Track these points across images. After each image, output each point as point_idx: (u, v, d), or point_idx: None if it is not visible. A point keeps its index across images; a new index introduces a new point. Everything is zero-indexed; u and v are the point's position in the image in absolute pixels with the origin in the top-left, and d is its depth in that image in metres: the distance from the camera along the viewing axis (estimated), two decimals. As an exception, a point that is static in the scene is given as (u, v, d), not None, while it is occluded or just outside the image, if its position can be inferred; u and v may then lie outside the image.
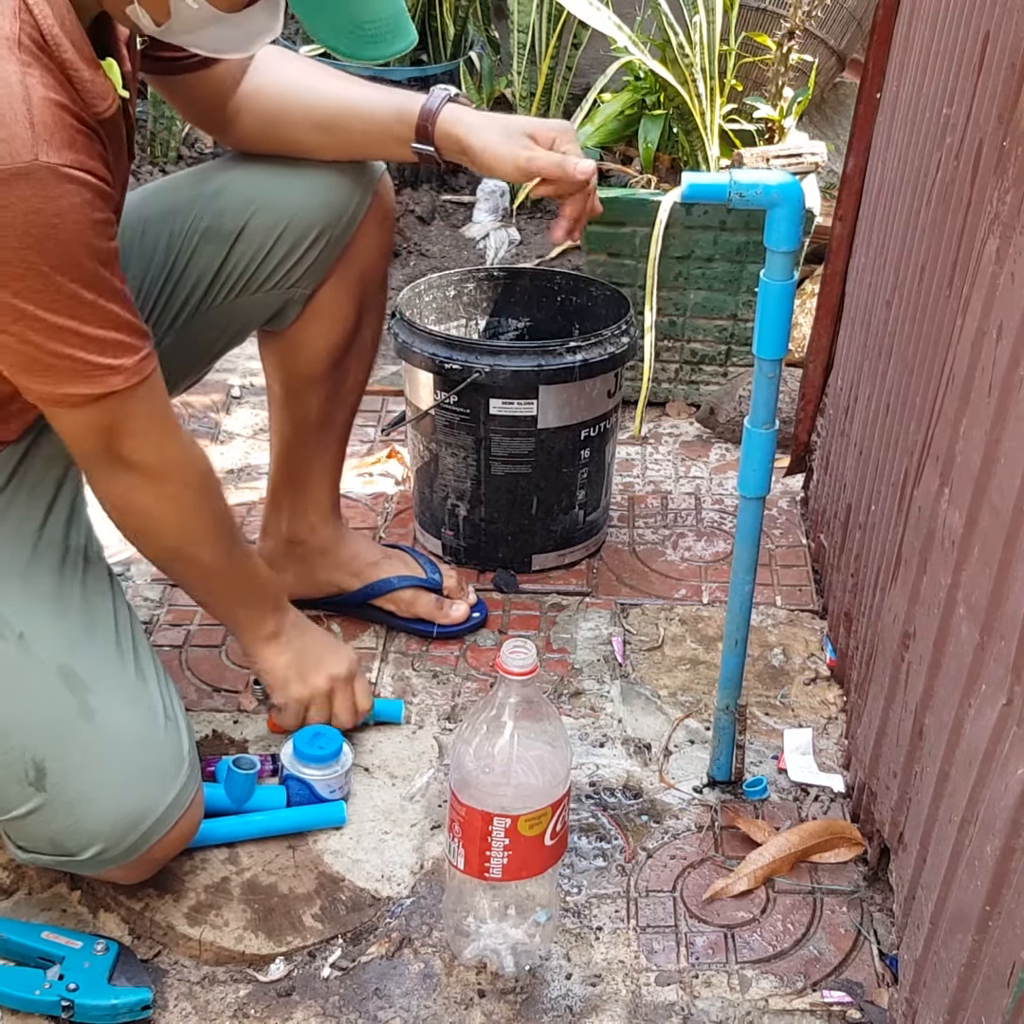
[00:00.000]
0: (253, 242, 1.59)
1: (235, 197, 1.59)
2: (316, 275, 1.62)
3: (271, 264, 1.60)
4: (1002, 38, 1.20)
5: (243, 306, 1.62)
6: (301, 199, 1.59)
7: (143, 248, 1.57)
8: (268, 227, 1.58)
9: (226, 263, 1.59)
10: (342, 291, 1.65)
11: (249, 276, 1.60)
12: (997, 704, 1.04)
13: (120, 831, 1.32)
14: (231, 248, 1.59)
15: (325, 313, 1.66)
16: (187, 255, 1.58)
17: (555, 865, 1.36)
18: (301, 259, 1.60)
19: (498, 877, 1.32)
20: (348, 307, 1.67)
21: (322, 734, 1.56)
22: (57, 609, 1.39)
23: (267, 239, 1.59)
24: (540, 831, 1.31)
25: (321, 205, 1.59)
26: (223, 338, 1.66)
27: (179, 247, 1.58)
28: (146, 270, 1.58)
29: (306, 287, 1.63)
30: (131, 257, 1.57)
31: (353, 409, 1.79)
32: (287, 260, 1.60)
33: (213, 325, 1.63)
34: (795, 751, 1.66)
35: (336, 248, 1.62)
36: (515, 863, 1.31)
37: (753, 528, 1.47)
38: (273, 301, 1.63)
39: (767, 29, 2.65)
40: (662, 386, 2.47)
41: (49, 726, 1.33)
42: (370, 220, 1.64)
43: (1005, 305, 1.08)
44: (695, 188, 1.31)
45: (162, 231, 1.58)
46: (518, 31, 2.95)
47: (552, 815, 1.31)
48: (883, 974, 1.38)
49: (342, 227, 1.61)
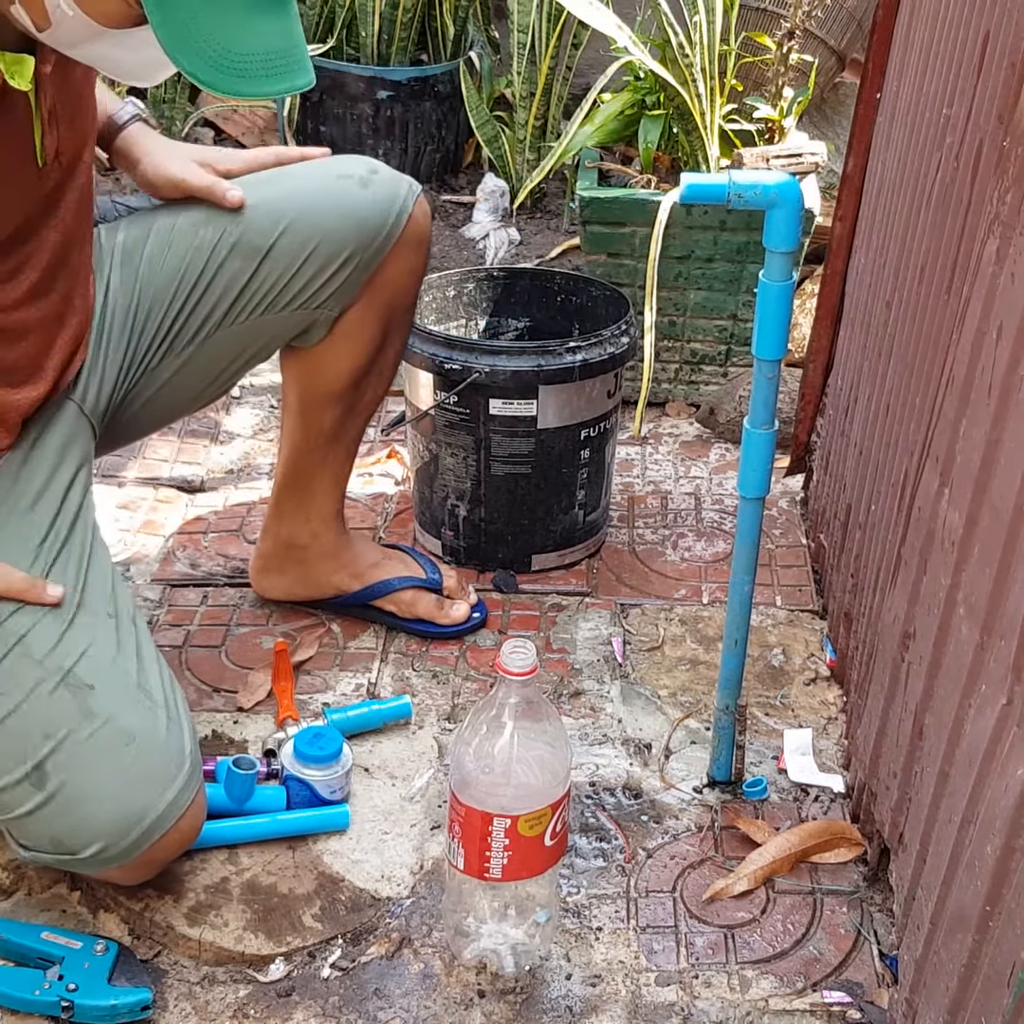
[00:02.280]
0: (281, 260, 1.57)
1: (267, 213, 1.57)
2: (344, 297, 1.60)
3: (299, 283, 1.58)
4: (1002, 38, 1.20)
5: (268, 324, 1.60)
6: (334, 219, 1.57)
7: (171, 258, 1.56)
8: (298, 246, 1.56)
9: (253, 279, 1.57)
10: (369, 314, 1.63)
11: (276, 294, 1.58)
12: (997, 704, 1.04)
13: (120, 830, 1.32)
14: (259, 265, 1.57)
15: (352, 335, 1.64)
16: (214, 268, 1.57)
17: (555, 866, 1.36)
18: (330, 280, 1.58)
19: (498, 877, 1.32)
20: (374, 330, 1.65)
21: (322, 734, 1.56)
22: (56, 610, 1.39)
23: (296, 258, 1.57)
24: (540, 832, 1.31)
25: (354, 226, 1.57)
26: (245, 355, 1.64)
27: (207, 260, 1.56)
28: (171, 281, 1.57)
29: (333, 308, 1.61)
30: (158, 267, 1.57)
31: (366, 422, 1.78)
32: (315, 280, 1.58)
33: (235, 341, 1.61)
34: (795, 751, 1.66)
35: (366, 271, 1.60)
36: (515, 863, 1.31)
37: (753, 528, 1.47)
38: (299, 320, 1.61)
39: (767, 29, 2.65)
40: (662, 386, 2.47)
41: (50, 727, 1.33)
42: (403, 244, 1.61)
43: (1005, 305, 1.08)
44: (694, 189, 1.31)
45: (191, 242, 1.57)
46: (518, 31, 2.95)
47: (552, 815, 1.31)
48: (883, 974, 1.38)
49: (374, 250, 1.59)
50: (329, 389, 1.69)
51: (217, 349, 1.61)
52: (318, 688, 1.76)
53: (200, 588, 1.95)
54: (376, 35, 3.10)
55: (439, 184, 3.29)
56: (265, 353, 1.66)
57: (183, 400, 1.67)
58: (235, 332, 1.60)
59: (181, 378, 1.62)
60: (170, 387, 1.62)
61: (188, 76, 1.15)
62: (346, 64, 3.13)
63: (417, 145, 3.22)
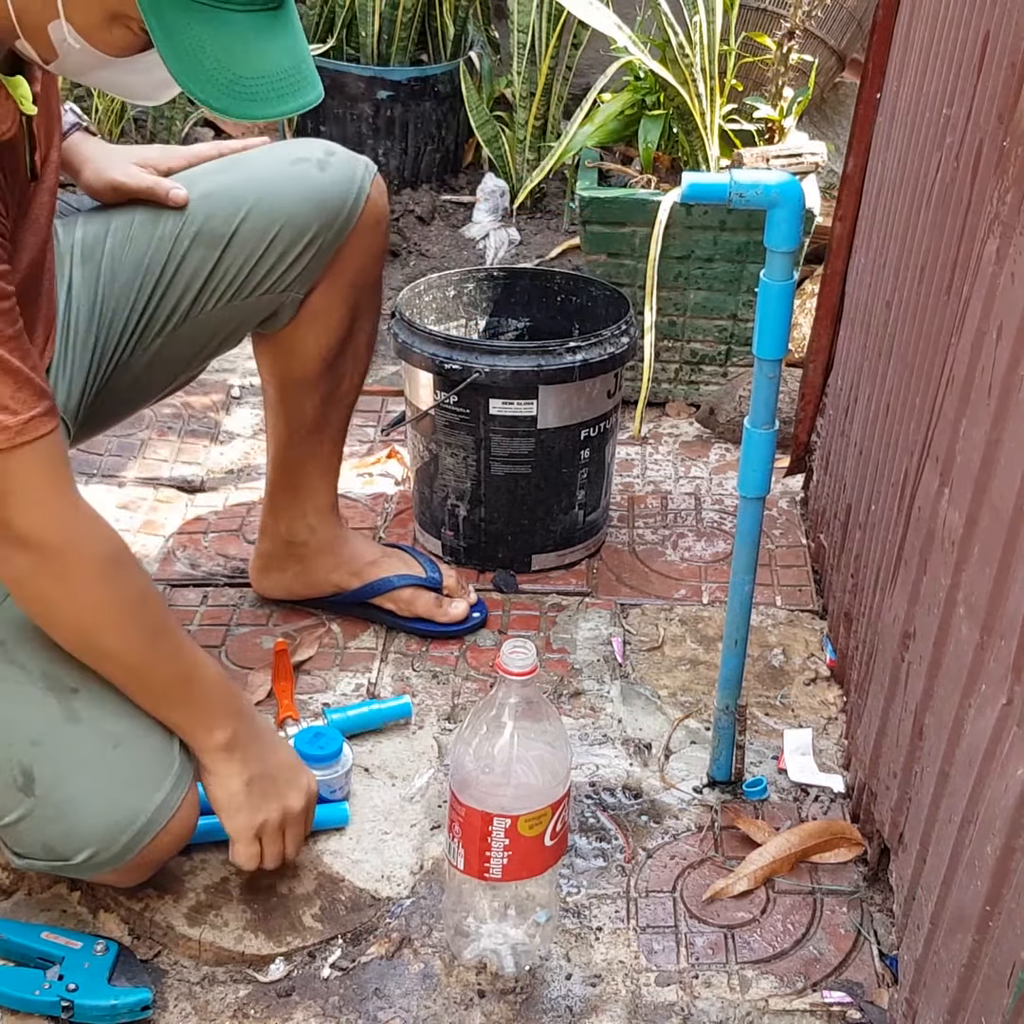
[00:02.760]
0: (245, 246, 1.57)
1: (227, 200, 1.57)
2: (309, 279, 1.61)
3: (263, 268, 1.58)
4: (1002, 38, 1.20)
5: (235, 310, 1.61)
6: (294, 202, 1.57)
7: (132, 252, 1.56)
8: (260, 231, 1.57)
9: (217, 268, 1.57)
10: (335, 294, 1.64)
11: (241, 281, 1.58)
12: (997, 704, 1.04)
13: (111, 834, 1.31)
14: (222, 253, 1.57)
15: (318, 316, 1.65)
16: (177, 260, 1.56)
17: (555, 866, 1.36)
18: (294, 263, 1.59)
19: (498, 877, 1.32)
20: (341, 310, 1.66)
21: (322, 734, 1.56)
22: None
23: (259, 243, 1.57)
24: (540, 831, 1.31)
25: (314, 208, 1.58)
26: (215, 341, 1.65)
27: (169, 251, 1.56)
28: (135, 275, 1.56)
29: (299, 291, 1.62)
30: (120, 261, 1.56)
31: (349, 411, 1.78)
32: (280, 264, 1.58)
33: (205, 329, 1.61)
34: (795, 751, 1.66)
35: (329, 252, 1.61)
36: (515, 863, 1.31)
37: (753, 528, 1.47)
38: (266, 305, 1.62)
39: (767, 29, 2.65)
40: (662, 386, 2.47)
41: (35, 732, 1.32)
42: (363, 223, 1.62)
43: (1005, 305, 1.08)
44: (695, 188, 1.31)
45: (151, 235, 1.56)
46: (518, 31, 2.95)
47: (552, 815, 1.31)
48: (883, 974, 1.38)
49: (335, 231, 1.60)
50: (304, 374, 1.69)
51: (186, 338, 1.61)
52: (318, 688, 1.76)
53: (200, 588, 1.94)
54: (376, 35, 3.10)
55: (439, 184, 3.29)
56: (235, 339, 1.67)
57: (155, 388, 1.68)
58: (203, 320, 1.60)
59: (152, 369, 1.62)
60: (142, 378, 1.62)
61: (200, 103, 1.15)
62: (346, 64, 3.13)
63: (417, 145, 3.22)
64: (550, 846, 1.33)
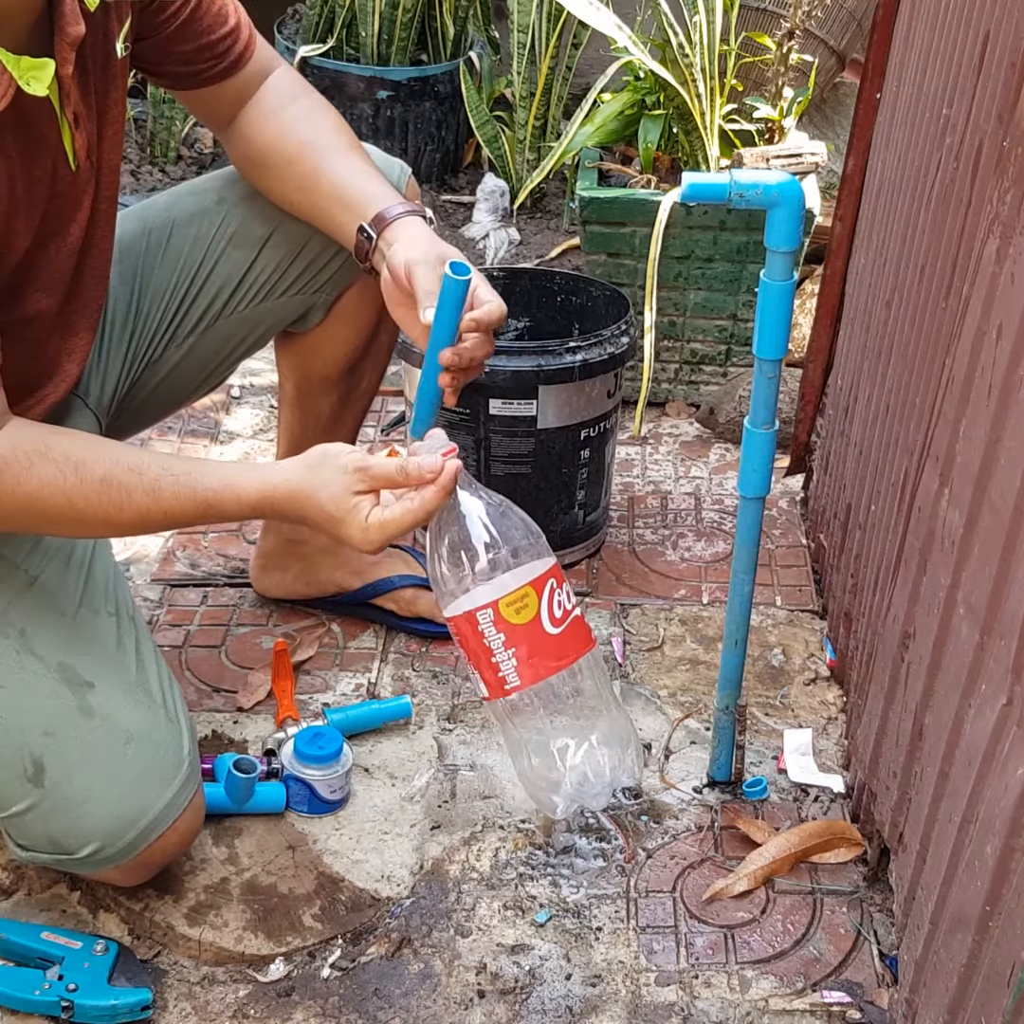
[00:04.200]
0: (280, 248, 1.58)
1: (264, 202, 1.56)
2: (341, 281, 1.61)
3: (297, 270, 1.59)
4: (1002, 38, 1.20)
5: (266, 311, 1.61)
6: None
7: (169, 252, 1.57)
8: (296, 233, 1.57)
9: (252, 269, 1.58)
10: (365, 297, 1.63)
11: (275, 281, 1.59)
12: (997, 704, 1.04)
13: (117, 830, 1.32)
14: (258, 254, 1.58)
15: (348, 318, 1.65)
16: (213, 260, 1.57)
17: (580, 659, 1.28)
18: (327, 265, 1.59)
19: (518, 684, 1.27)
20: (370, 312, 1.65)
21: (322, 734, 1.56)
22: (58, 605, 1.39)
23: (295, 245, 1.57)
24: (531, 616, 1.25)
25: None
26: (247, 341, 1.65)
27: (205, 251, 1.57)
28: (171, 274, 1.57)
29: (331, 292, 1.62)
30: (157, 260, 1.57)
31: (364, 412, 1.78)
32: (313, 266, 1.59)
33: (236, 329, 1.62)
34: (795, 751, 1.66)
35: None
36: (523, 661, 1.26)
37: (753, 528, 1.47)
38: (297, 306, 1.62)
39: (767, 29, 2.65)
40: (662, 386, 2.47)
41: (48, 723, 1.33)
42: None
43: (1005, 305, 1.08)
44: (695, 188, 1.31)
45: (188, 234, 1.57)
46: (518, 31, 2.95)
47: (538, 596, 1.26)
48: (883, 974, 1.38)
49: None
50: (325, 374, 1.69)
51: (218, 338, 1.62)
52: (318, 688, 1.76)
53: (200, 588, 1.95)
54: (376, 35, 3.10)
55: (439, 184, 3.29)
56: (265, 339, 1.67)
57: (186, 389, 1.68)
58: (235, 320, 1.61)
59: (183, 368, 1.63)
60: (172, 377, 1.63)
61: None
62: (346, 64, 3.13)
63: (417, 145, 3.22)
64: (555, 634, 1.26)
